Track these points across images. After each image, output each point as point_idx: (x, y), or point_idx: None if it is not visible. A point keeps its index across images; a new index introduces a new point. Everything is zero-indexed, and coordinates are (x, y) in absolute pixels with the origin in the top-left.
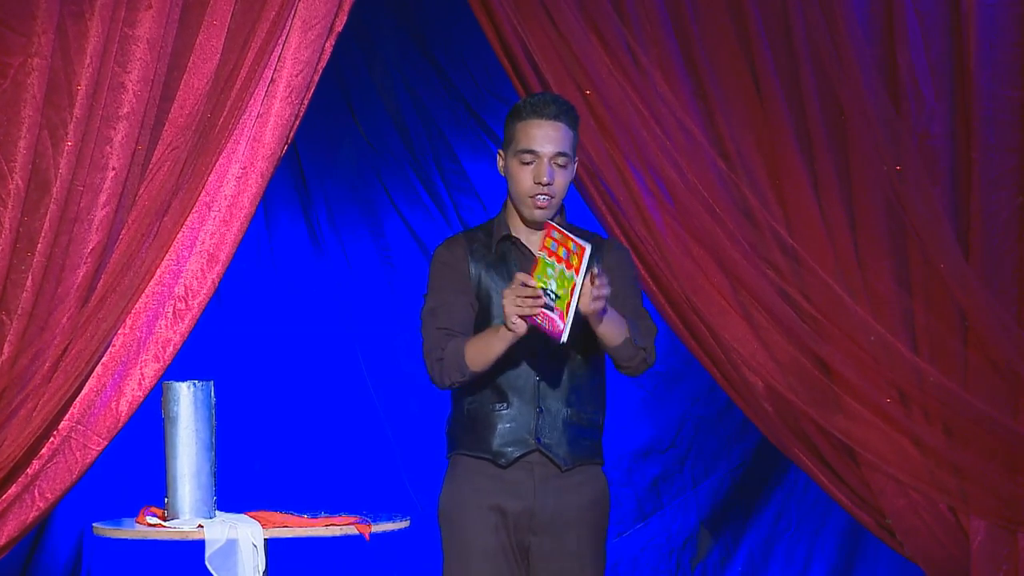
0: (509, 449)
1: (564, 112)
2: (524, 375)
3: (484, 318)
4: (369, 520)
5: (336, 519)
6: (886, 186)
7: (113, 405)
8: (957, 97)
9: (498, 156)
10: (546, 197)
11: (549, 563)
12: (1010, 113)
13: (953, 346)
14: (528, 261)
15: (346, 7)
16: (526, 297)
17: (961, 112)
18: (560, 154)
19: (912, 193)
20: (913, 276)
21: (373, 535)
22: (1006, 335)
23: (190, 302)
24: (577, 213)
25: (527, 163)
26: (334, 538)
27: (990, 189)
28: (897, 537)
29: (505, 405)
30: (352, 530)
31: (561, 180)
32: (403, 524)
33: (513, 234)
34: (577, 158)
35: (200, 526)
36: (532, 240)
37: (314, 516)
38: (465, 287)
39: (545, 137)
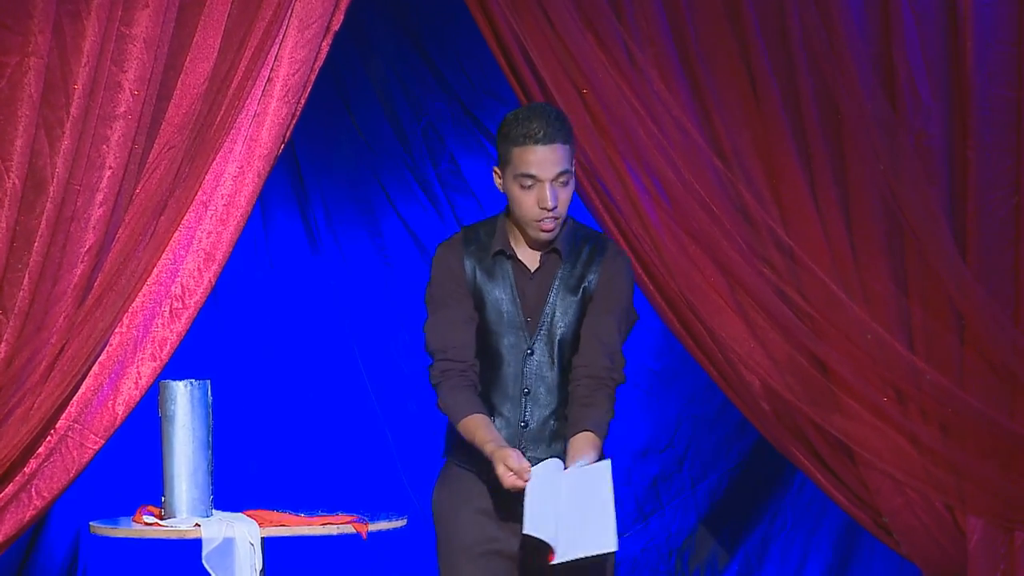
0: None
1: (558, 130)
2: (512, 388)
3: (478, 320)
4: (366, 519)
5: (333, 518)
6: (882, 185)
7: (110, 404)
8: (953, 97)
9: (494, 174)
10: (552, 220)
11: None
12: (1006, 113)
13: (950, 345)
14: (523, 275)
15: (343, 6)
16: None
17: (958, 112)
18: (561, 173)
19: (908, 192)
20: (909, 275)
21: (370, 534)
22: (1002, 334)
23: (187, 301)
24: (574, 212)
25: (528, 187)
26: (331, 537)
27: (986, 189)
28: (894, 536)
29: (492, 419)
30: (349, 529)
31: (565, 197)
32: (400, 523)
33: (508, 251)
34: (574, 160)
35: (197, 525)
36: (527, 255)
37: (311, 515)
38: (463, 297)
39: (544, 161)
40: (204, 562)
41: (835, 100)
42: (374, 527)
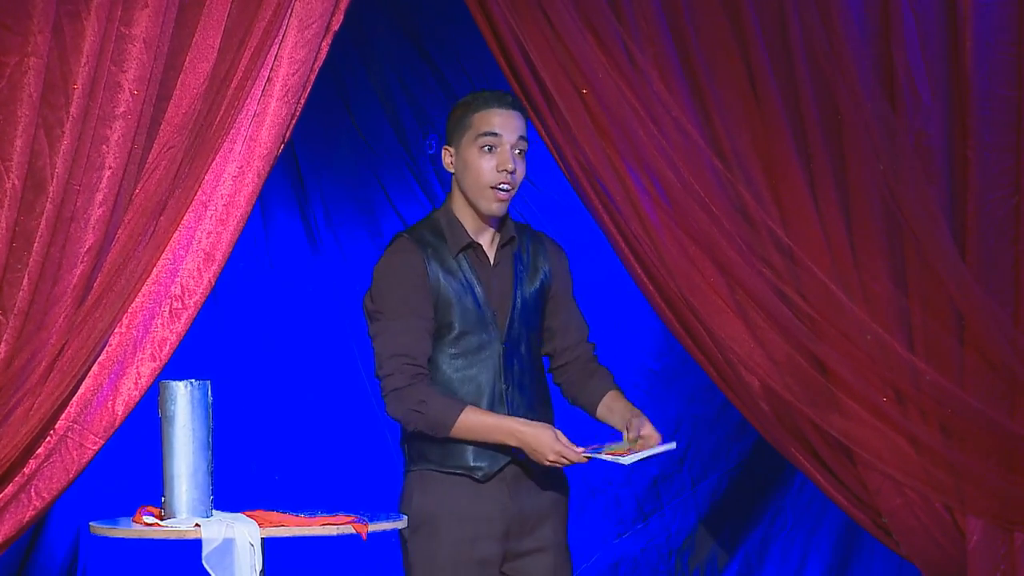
0: (485, 464)
1: (518, 103)
2: (491, 385)
3: (442, 325)
4: (366, 519)
5: (333, 518)
6: (882, 185)
7: (110, 404)
8: (953, 97)
9: (444, 152)
10: (508, 187)
11: (528, 560)
12: (1007, 113)
13: (949, 345)
14: (484, 269)
15: (342, 6)
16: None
17: (957, 112)
18: (521, 138)
19: (908, 192)
20: (909, 275)
21: (370, 535)
22: (1002, 334)
23: (186, 301)
24: (574, 212)
25: (488, 150)
26: (331, 538)
27: (986, 189)
28: (894, 536)
29: None
30: (349, 529)
31: (521, 169)
32: (400, 524)
33: (475, 240)
34: (570, 160)
35: (197, 525)
36: (485, 238)
37: (311, 515)
38: (423, 303)
39: (507, 124)
40: (204, 563)
41: (835, 100)
42: (374, 527)
